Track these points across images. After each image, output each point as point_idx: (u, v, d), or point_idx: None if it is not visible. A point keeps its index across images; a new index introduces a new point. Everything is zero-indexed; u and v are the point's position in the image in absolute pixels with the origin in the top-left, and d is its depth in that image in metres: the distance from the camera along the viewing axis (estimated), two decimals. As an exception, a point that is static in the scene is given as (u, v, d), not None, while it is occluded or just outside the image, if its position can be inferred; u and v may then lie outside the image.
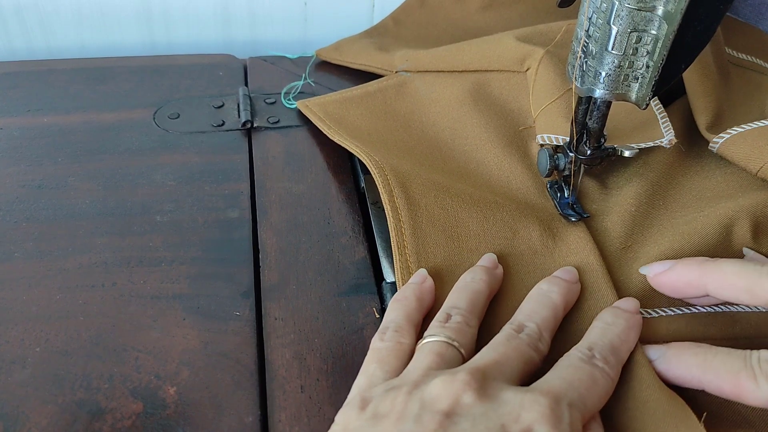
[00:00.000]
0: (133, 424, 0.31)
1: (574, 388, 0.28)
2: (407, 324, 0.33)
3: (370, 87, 0.52)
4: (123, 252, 0.39)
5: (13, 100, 0.51)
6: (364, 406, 0.28)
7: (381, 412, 0.28)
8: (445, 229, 0.39)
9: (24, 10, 0.61)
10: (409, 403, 0.27)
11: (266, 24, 0.66)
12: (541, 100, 0.47)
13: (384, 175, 0.41)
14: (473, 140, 0.47)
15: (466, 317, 0.33)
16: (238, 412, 0.32)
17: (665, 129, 0.44)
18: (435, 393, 0.27)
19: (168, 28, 0.64)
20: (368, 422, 0.27)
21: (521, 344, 0.31)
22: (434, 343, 0.31)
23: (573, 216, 0.41)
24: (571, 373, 0.29)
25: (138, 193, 0.44)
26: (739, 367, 0.29)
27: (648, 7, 0.32)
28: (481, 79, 0.51)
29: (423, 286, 0.35)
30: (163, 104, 0.52)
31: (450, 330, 0.32)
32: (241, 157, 0.47)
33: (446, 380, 0.27)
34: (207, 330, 0.35)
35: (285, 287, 0.38)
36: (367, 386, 0.31)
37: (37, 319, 0.35)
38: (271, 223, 0.42)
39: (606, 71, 0.35)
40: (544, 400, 0.26)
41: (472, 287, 0.35)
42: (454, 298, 0.34)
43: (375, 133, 0.48)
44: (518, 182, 0.44)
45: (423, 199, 0.40)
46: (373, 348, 0.32)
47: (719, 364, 0.30)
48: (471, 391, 0.27)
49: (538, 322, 0.32)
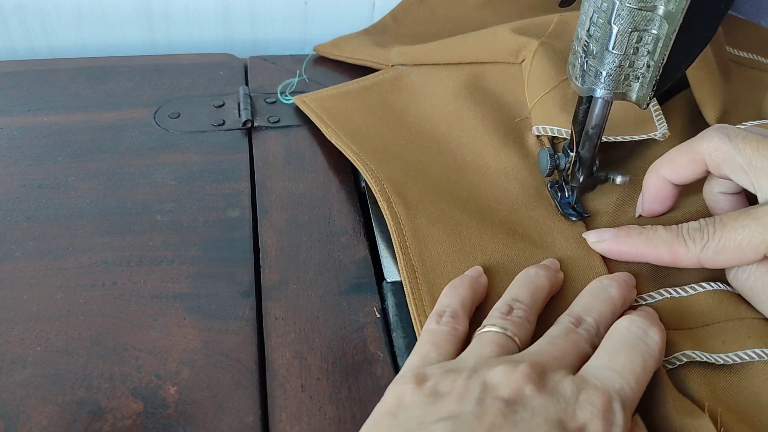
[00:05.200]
0: (134, 423, 0.31)
1: (627, 383, 0.28)
2: (462, 311, 0.34)
3: (366, 81, 0.52)
4: (123, 251, 0.39)
5: (13, 99, 0.51)
6: (420, 382, 0.29)
7: (441, 391, 0.28)
8: (445, 228, 0.39)
9: (25, 10, 0.61)
10: (470, 386, 0.28)
11: (267, 23, 0.66)
12: (536, 91, 0.47)
13: (380, 184, 0.42)
14: (470, 132, 0.47)
15: (528, 313, 0.33)
16: (238, 411, 0.32)
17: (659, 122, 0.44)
18: (497, 380, 0.28)
19: (168, 28, 0.64)
20: (427, 398, 0.28)
21: (579, 339, 0.31)
22: (495, 334, 0.32)
23: (573, 215, 0.41)
24: (622, 363, 0.29)
25: (138, 192, 0.44)
26: (672, 237, 0.35)
27: (649, 6, 0.32)
28: (477, 71, 0.51)
29: (479, 280, 0.36)
30: (163, 103, 0.52)
31: (511, 323, 0.32)
32: (241, 157, 0.47)
33: (508, 369, 0.28)
34: (207, 329, 0.35)
35: (285, 287, 0.38)
36: (421, 365, 0.31)
37: (38, 319, 0.35)
38: (271, 222, 0.42)
39: (607, 71, 0.35)
40: (599, 400, 0.27)
41: (536, 282, 0.35)
42: (516, 291, 0.35)
43: (372, 128, 0.48)
44: (515, 173, 0.44)
45: (420, 204, 0.40)
46: (428, 330, 0.33)
47: (658, 238, 0.35)
48: (531, 384, 0.27)
49: (596, 316, 0.33)
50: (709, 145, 0.35)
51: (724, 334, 0.34)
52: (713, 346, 0.33)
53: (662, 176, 0.37)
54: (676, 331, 0.34)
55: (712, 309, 0.35)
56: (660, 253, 0.35)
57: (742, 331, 0.34)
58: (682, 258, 0.34)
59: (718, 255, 0.33)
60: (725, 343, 0.33)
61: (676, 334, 0.34)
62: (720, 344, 0.33)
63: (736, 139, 0.34)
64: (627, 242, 0.37)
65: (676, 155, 0.37)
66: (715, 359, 0.33)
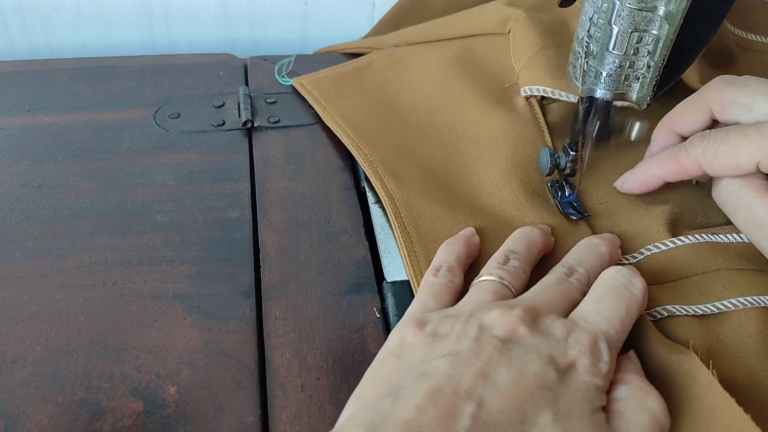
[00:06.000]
0: (134, 423, 0.31)
1: (612, 325, 0.31)
2: (458, 266, 0.36)
3: (361, 61, 0.54)
4: (123, 251, 0.39)
5: (13, 99, 0.51)
6: (420, 326, 0.31)
7: (440, 333, 0.30)
8: (438, 202, 0.41)
9: (25, 10, 0.61)
10: (467, 327, 0.30)
11: (267, 23, 0.66)
12: (523, 56, 0.49)
13: (373, 167, 0.44)
14: (461, 101, 0.49)
15: (523, 263, 0.35)
16: (238, 411, 0.32)
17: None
18: (493, 321, 0.30)
19: (169, 28, 0.64)
20: (427, 339, 0.30)
21: (571, 288, 0.33)
22: (491, 282, 0.34)
23: (574, 215, 0.41)
24: (608, 308, 0.31)
25: (138, 192, 0.44)
26: (676, 150, 0.38)
27: (649, 7, 0.32)
28: (467, 44, 0.53)
29: (472, 239, 0.38)
30: (163, 104, 0.52)
31: (507, 272, 0.34)
32: (241, 157, 0.47)
33: (503, 312, 0.30)
34: (207, 329, 0.35)
35: (285, 286, 0.38)
36: (421, 312, 0.33)
37: (38, 319, 0.35)
38: (271, 222, 0.42)
39: (607, 71, 0.35)
40: (587, 340, 0.29)
41: (531, 237, 0.37)
42: (512, 243, 0.37)
43: (367, 107, 0.50)
44: (504, 138, 0.45)
45: (413, 183, 0.43)
46: (427, 282, 0.35)
47: (664, 155, 0.39)
48: (525, 325, 0.29)
49: (587, 268, 0.35)
50: (713, 90, 0.37)
51: (701, 286, 0.36)
52: (692, 298, 0.35)
53: (670, 128, 0.40)
54: (657, 285, 0.36)
55: (690, 262, 0.37)
56: (668, 167, 0.38)
57: (719, 283, 0.36)
58: (686, 164, 0.37)
59: (716, 159, 0.35)
60: (703, 295, 0.35)
61: (657, 289, 0.36)
62: (698, 296, 0.35)
63: (738, 82, 0.36)
64: (642, 170, 0.40)
65: (682, 106, 0.39)
66: (694, 311, 0.35)
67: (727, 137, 0.35)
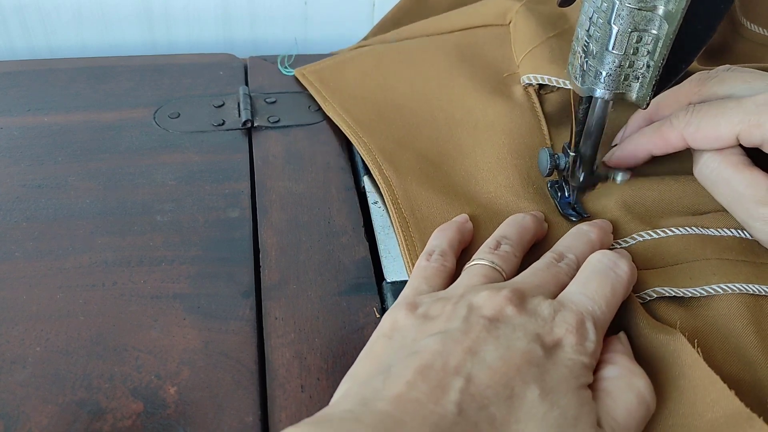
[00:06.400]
0: (134, 423, 0.31)
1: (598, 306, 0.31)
2: (450, 251, 0.37)
3: (362, 49, 0.56)
4: (123, 251, 0.39)
5: (13, 99, 0.51)
6: (412, 309, 0.32)
7: (431, 314, 0.31)
8: (434, 189, 0.42)
9: (25, 10, 0.61)
10: (457, 308, 0.31)
11: (266, 23, 0.66)
12: (524, 46, 0.50)
13: (372, 155, 0.45)
14: (460, 89, 0.49)
15: (514, 249, 0.36)
16: (238, 411, 0.32)
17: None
18: (481, 302, 0.31)
19: (168, 28, 0.64)
20: (418, 320, 0.31)
21: (560, 272, 0.34)
22: (483, 266, 0.35)
23: (573, 215, 0.41)
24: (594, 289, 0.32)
25: (138, 192, 0.44)
26: (660, 123, 0.39)
27: (649, 6, 0.32)
28: (467, 34, 0.54)
29: (465, 225, 0.39)
30: (163, 103, 0.52)
31: (498, 257, 0.35)
32: (241, 157, 0.47)
33: (492, 293, 0.31)
34: (207, 329, 0.35)
35: (285, 287, 0.38)
36: (414, 295, 0.34)
37: (38, 319, 0.35)
38: (271, 222, 0.42)
39: (606, 71, 0.35)
40: (573, 319, 0.30)
41: (523, 224, 0.38)
42: (504, 229, 0.38)
43: (367, 94, 0.50)
44: (501, 126, 0.46)
45: (410, 171, 0.44)
46: (419, 266, 0.36)
47: (650, 128, 0.40)
48: (512, 305, 0.30)
49: (577, 254, 0.36)
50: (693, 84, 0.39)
51: (691, 271, 0.37)
52: (681, 281, 0.36)
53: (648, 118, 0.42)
54: (648, 270, 0.37)
55: (681, 251, 0.38)
56: (653, 139, 0.40)
57: (708, 270, 0.36)
58: (670, 136, 0.38)
59: (698, 131, 0.37)
60: (692, 279, 0.36)
61: (648, 273, 0.37)
62: (687, 280, 0.36)
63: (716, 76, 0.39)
64: (629, 143, 0.41)
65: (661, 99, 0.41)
66: (683, 293, 0.35)
67: (710, 111, 0.37)
